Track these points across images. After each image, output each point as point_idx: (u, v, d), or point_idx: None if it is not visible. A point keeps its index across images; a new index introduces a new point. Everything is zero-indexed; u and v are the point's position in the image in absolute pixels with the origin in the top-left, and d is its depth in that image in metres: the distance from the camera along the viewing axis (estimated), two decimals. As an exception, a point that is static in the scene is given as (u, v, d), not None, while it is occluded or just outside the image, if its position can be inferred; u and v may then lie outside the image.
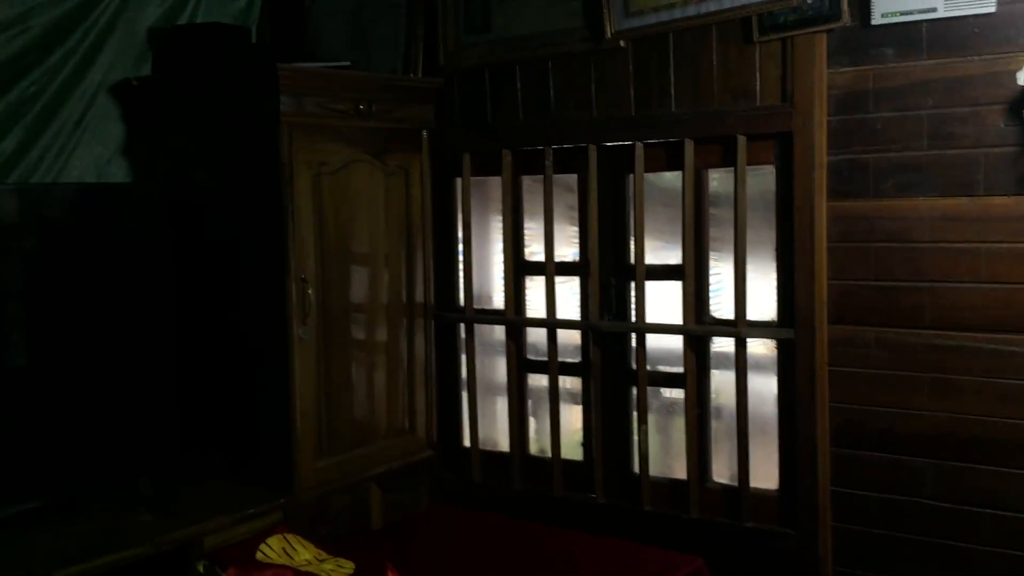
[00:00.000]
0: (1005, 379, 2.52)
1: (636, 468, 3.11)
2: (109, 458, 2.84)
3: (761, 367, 2.94)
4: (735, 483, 2.93)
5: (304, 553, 1.86)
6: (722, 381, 3.02)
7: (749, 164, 2.85)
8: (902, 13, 2.55)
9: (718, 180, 3.01)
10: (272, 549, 1.81)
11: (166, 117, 3.16)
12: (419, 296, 3.40)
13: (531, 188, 3.33)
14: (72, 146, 3.06)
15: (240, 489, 2.97)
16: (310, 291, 2.96)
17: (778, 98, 2.78)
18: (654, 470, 3.08)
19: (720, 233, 2.99)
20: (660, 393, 3.17)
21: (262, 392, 3.01)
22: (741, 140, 2.83)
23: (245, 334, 3.04)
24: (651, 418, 3.09)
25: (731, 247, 2.88)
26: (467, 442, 3.45)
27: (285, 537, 1.88)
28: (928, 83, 2.56)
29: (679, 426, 3.07)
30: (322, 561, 1.85)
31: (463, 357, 3.46)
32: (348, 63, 3.10)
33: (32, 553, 2.49)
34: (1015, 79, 2.36)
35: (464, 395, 3.46)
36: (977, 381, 2.55)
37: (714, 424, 3.05)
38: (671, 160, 3.00)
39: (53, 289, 2.76)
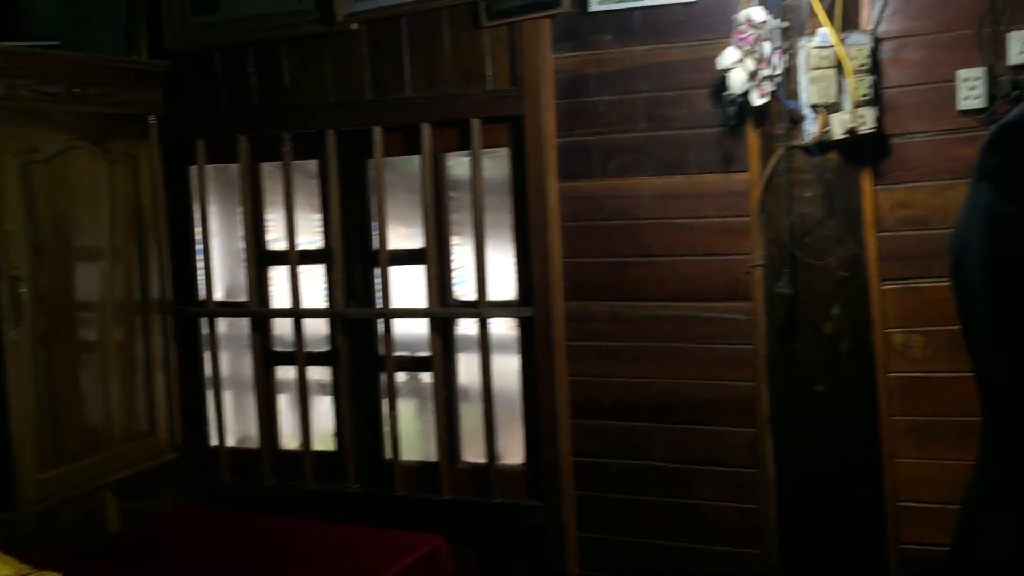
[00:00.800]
0: (722, 344, 2.70)
1: (388, 454, 3.11)
2: None
3: (505, 347, 3.00)
4: (484, 461, 2.98)
5: (4, 569, 1.71)
6: (469, 363, 3.07)
7: (484, 147, 2.90)
8: (617, 0, 2.66)
9: (457, 165, 3.04)
10: (-36, 570, 1.65)
11: None
12: (155, 291, 3.23)
13: (271, 175, 3.23)
14: None
15: (-49, 509, 2.71)
16: (23, 290, 2.73)
17: (508, 82, 2.84)
18: (407, 454, 3.09)
19: (461, 216, 3.03)
20: (411, 377, 3.17)
21: (-28, 402, 2.76)
22: (475, 123, 2.87)
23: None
24: (401, 403, 3.09)
25: (472, 230, 2.92)
26: (215, 441, 3.32)
27: (-18, 556, 1.72)
28: (643, 67, 2.69)
29: (430, 409, 3.08)
30: (24, 578, 1.71)
31: (207, 353, 3.32)
32: (58, 42, 2.88)
33: None
34: (716, 64, 2.53)
35: (209, 393, 3.32)
36: (698, 348, 2.72)
37: (463, 405, 3.09)
38: (409, 144, 3.00)
39: None
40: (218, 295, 3.31)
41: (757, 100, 2.50)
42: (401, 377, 3.11)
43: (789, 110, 2.49)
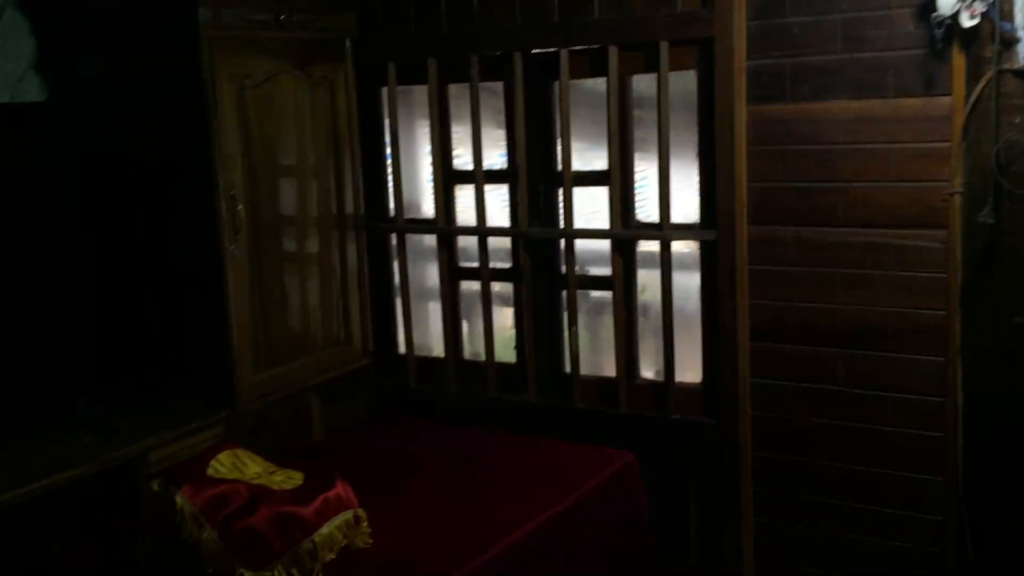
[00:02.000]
0: (913, 272, 2.67)
1: (568, 368, 3.24)
2: (41, 382, 2.83)
3: (685, 265, 3.06)
4: (661, 378, 3.07)
5: (254, 467, 1.92)
6: (648, 279, 3.13)
7: (672, 69, 2.90)
8: (818, -82, 2.59)
9: (643, 83, 3.05)
10: (223, 464, 1.87)
11: (79, 33, 3.06)
12: (349, 207, 3.41)
13: (459, 96, 3.33)
14: (-19, 63, 2.96)
15: (181, 405, 3.01)
16: (240, 207, 2.95)
17: (699, 3, 2.82)
18: (585, 369, 3.21)
19: (645, 134, 3.05)
20: (589, 294, 3.27)
21: (198, 310, 3.03)
22: (663, 46, 2.87)
23: (177, 254, 3.04)
24: (581, 319, 3.19)
25: (656, 150, 2.95)
26: (402, 349, 3.53)
27: (235, 452, 1.94)
28: (843, -13, 2.63)
29: (608, 325, 3.18)
30: (272, 473, 1.92)
31: (395, 266, 3.51)
32: (266, -28, 3.03)
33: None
34: (924, -16, 2.44)
35: (398, 304, 3.52)
36: (887, 275, 2.71)
37: (641, 322, 3.17)
38: (596, 67, 3.03)
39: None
40: (406, 212, 3.47)
41: (967, 22, 2.41)
42: (581, 294, 3.21)
43: (1002, 32, 2.39)
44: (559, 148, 3.13)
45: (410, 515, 2.03)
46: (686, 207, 3.00)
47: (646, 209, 3.09)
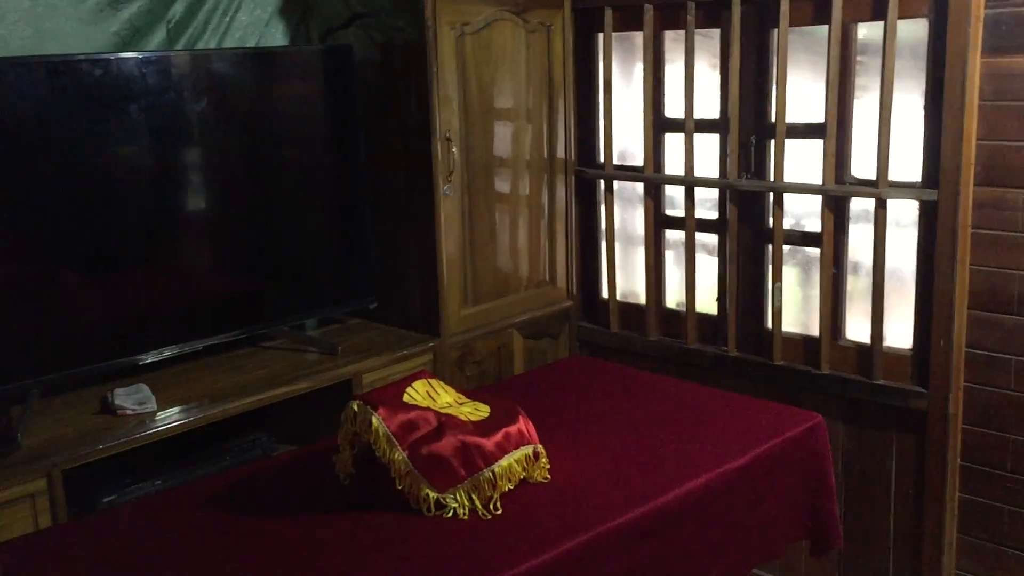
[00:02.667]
0: None
1: (769, 324, 3.18)
2: (282, 303, 3.12)
3: (902, 223, 2.91)
4: (868, 341, 2.96)
5: (445, 396, 2.05)
6: (861, 236, 3.00)
7: (901, 17, 2.74)
8: None
9: (867, 30, 2.90)
10: (417, 392, 2.01)
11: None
12: (560, 152, 3.49)
13: (673, 44, 3.30)
14: (234, 9, 3.22)
15: (394, 333, 3.24)
16: (454, 149, 3.09)
17: (935, -54, 2.64)
18: (787, 326, 3.15)
19: (866, 82, 2.91)
20: (797, 250, 3.18)
21: (412, 245, 3.22)
22: (892, -8, 2.71)
23: (394, 190, 3.23)
24: (786, 274, 3.12)
25: (875, 101, 2.81)
26: (605, 294, 3.60)
27: (429, 382, 2.07)
28: (1103, -74, 2.37)
29: (814, 282, 3.09)
30: (461, 404, 2.04)
31: (602, 212, 3.56)
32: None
33: (218, 383, 2.83)
34: None
35: (603, 249, 3.58)
36: None
37: (850, 280, 3.06)
38: (817, 13, 2.91)
39: (226, 153, 2.99)
40: (616, 159, 3.50)
41: None
42: (788, 250, 3.13)
43: None
44: (774, 98, 3.04)
45: (591, 455, 2.10)
46: (906, 164, 2.84)
47: (862, 164, 2.95)
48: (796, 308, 3.20)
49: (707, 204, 3.32)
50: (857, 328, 3.06)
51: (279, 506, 1.96)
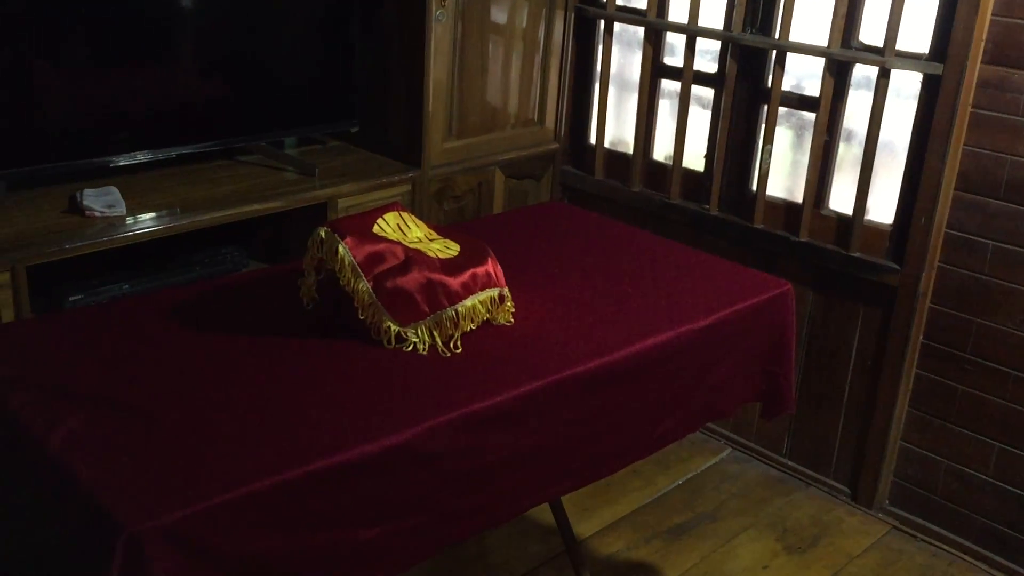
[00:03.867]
0: None
1: (754, 186, 3.14)
2: (262, 117, 3.04)
3: (901, 95, 2.83)
4: (850, 213, 2.94)
5: (416, 231, 2.02)
6: (858, 103, 2.93)
7: None
8: None
9: None
10: (388, 224, 1.98)
11: None
12: (562, -15, 3.34)
13: None
14: None
15: (374, 160, 3.18)
16: (450, -28, 2.94)
17: None
18: (772, 190, 3.11)
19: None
20: (792, 112, 3.10)
21: (399, 71, 3.11)
22: None
23: (387, 13, 3.10)
24: (778, 137, 3.06)
25: (895, -34, 2.68)
26: (593, 140, 3.52)
27: (401, 215, 2.04)
28: None
29: (805, 148, 3.04)
30: (431, 240, 2.02)
31: (599, 54, 3.44)
32: None
33: (192, 194, 2.79)
34: None
35: (595, 93, 3.48)
36: None
37: (841, 149, 3.00)
38: None
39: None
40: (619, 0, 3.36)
41: None
42: (783, 112, 3.06)
43: None
44: (790, -51, 2.89)
45: (557, 304, 2.10)
46: (915, 33, 2.74)
47: (870, 29, 2.84)
48: (783, 173, 3.16)
49: (707, 56, 3.21)
50: (840, 198, 3.03)
51: (242, 323, 1.96)
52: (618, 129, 3.54)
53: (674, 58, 3.30)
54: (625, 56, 3.46)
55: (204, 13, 2.86)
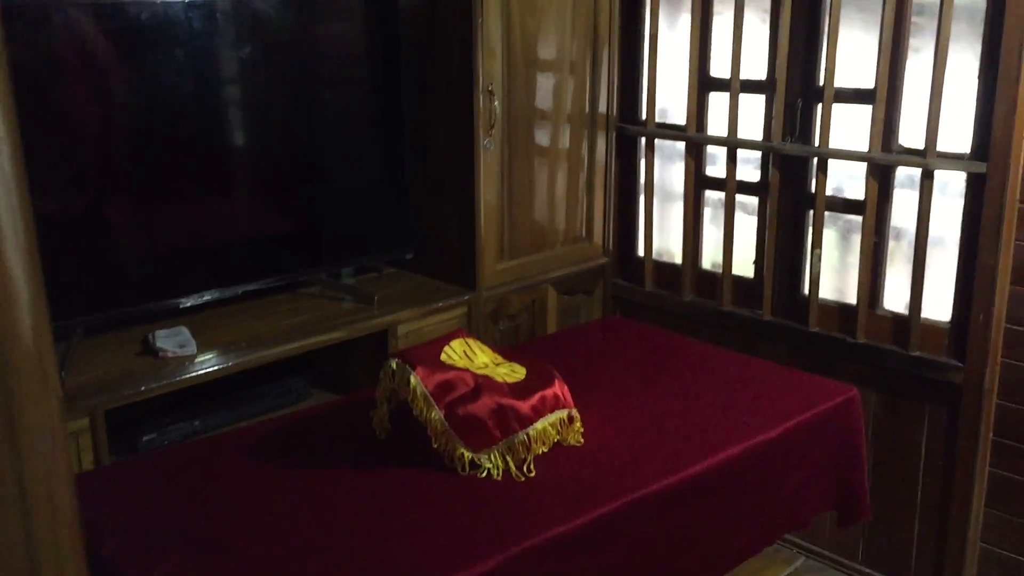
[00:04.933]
0: None
1: (806, 290, 3.17)
2: (322, 251, 3.14)
3: (946, 192, 2.86)
4: (906, 312, 2.94)
5: (482, 357, 2.07)
6: (904, 201, 2.96)
7: (960, -18, 2.67)
8: None
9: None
10: (455, 351, 2.03)
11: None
12: (602, 107, 3.45)
13: (723, 1, 3.23)
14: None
15: (430, 285, 3.26)
16: (496, 102, 3.07)
17: (1001, -91, 2.55)
18: (825, 293, 3.13)
19: (919, 43, 2.84)
20: (838, 216, 3.15)
21: (451, 198, 3.22)
22: (953, -45, 2.63)
23: (436, 141, 3.22)
24: (827, 240, 3.09)
25: (927, 63, 2.75)
26: (641, 252, 3.58)
27: (466, 341, 2.09)
28: None
29: (854, 250, 3.07)
30: (497, 365, 2.06)
31: (642, 169, 3.53)
32: None
33: (256, 329, 2.87)
34: None
35: (641, 207, 3.56)
36: None
37: (891, 246, 3.02)
38: (874, -25, 2.84)
39: (268, 97, 2.98)
40: (658, 115, 3.46)
41: None
42: (829, 216, 3.10)
43: None
44: (823, 61, 2.98)
45: (624, 421, 2.11)
46: (955, 133, 2.79)
47: (910, 131, 2.90)
48: (833, 274, 3.18)
49: (750, 164, 3.28)
50: (894, 297, 3.03)
51: (317, 457, 2.00)
52: (664, 240, 3.60)
53: (715, 167, 3.37)
54: (667, 168, 3.55)
55: (264, 155, 3.00)
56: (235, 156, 2.96)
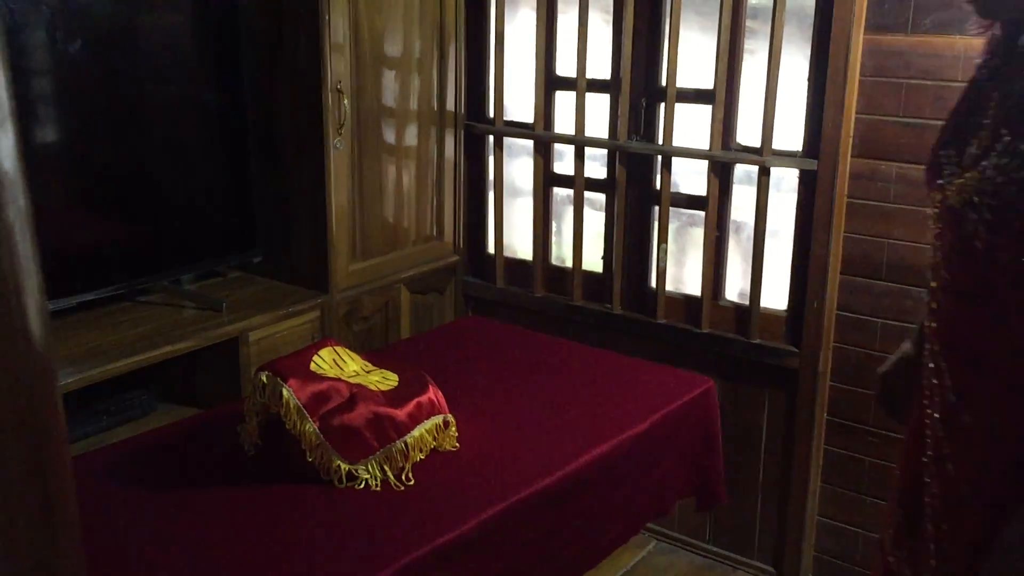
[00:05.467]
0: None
1: (653, 283, 3.28)
2: (163, 256, 2.98)
3: (781, 188, 3.03)
4: (747, 302, 3.10)
5: (352, 365, 2.03)
6: (743, 197, 3.11)
7: (790, -10, 2.82)
8: None
9: None
10: (324, 361, 1.98)
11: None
12: (450, 105, 3.44)
13: (567, 1, 3.29)
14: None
15: (279, 289, 3.16)
16: (345, 101, 3.00)
17: (826, -79, 2.72)
18: (670, 286, 3.25)
19: (753, 45, 2.99)
20: (681, 211, 3.27)
21: (300, 199, 3.12)
22: (784, -36, 2.78)
23: (283, 143, 3.12)
24: (671, 234, 3.21)
25: (762, 65, 2.89)
26: (491, 250, 3.60)
27: (335, 349, 2.04)
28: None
29: (697, 243, 3.20)
30: (368, 372, 2.02)
31: (490, 167, 3.54)
32: None
33: (95, 341, 2.69)
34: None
35: (491, 204, 3.58)
36: (989, 221, 2.65)
37: (731, 240, 3.17)
38: (711, -20, 2.96)
39: (90, 91, 2.80)
40: (506, 113, 3.48)
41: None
42: (673, 211, 3.22)
43: None
44: (665, 62, 3.09)
45: (496, 422, 2.12)
46: (789, 131, 2.96)
47: (747, 131, 3.05)
48: (677, 268, 3.31)
49: (597, 161, 3.36)
50: (735, 288, 3.19)
51: (182, 477, 1.90)
52: (517, 238, 3.63)
53: (563, 163, 3.43)
54: (515, 164, 3.58)
55: (86, 150, 2.80)
56: (59, 158, 2.76)
